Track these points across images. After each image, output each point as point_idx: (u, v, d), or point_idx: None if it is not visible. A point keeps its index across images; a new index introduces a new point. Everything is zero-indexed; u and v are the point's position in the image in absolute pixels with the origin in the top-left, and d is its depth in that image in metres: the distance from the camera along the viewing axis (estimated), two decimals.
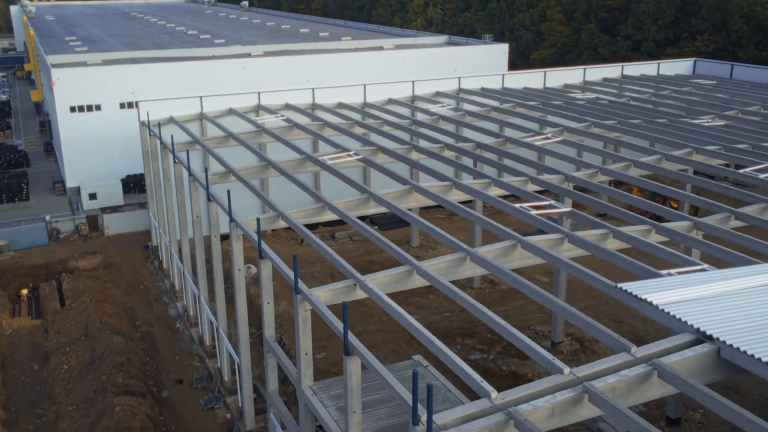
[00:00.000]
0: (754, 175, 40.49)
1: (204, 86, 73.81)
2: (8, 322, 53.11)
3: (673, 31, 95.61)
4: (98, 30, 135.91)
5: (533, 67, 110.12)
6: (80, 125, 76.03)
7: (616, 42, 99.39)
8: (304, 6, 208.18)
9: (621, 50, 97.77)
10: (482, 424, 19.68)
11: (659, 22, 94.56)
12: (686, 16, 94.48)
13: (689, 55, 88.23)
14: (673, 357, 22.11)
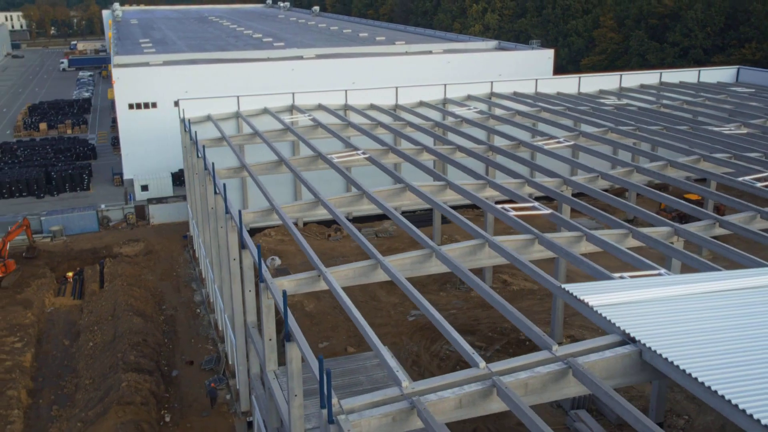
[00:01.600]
0: (751, 183, 39.17)
1: (252, 86, 75.54)
2: (51, 300, 55.95)
3: (721, 38, 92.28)
4: (172, 33, 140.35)
5: (583, 72, 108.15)
6: (138, 121, 79.06)
7: (663, 49, 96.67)
8: (373, 11, 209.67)
9: (668, 57, 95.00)
10: (386, 410, 20.00)
11: (707, 30, 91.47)
12: (735, 23, 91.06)
13: (735, 63, 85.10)
14: (592, 357, 21.91)
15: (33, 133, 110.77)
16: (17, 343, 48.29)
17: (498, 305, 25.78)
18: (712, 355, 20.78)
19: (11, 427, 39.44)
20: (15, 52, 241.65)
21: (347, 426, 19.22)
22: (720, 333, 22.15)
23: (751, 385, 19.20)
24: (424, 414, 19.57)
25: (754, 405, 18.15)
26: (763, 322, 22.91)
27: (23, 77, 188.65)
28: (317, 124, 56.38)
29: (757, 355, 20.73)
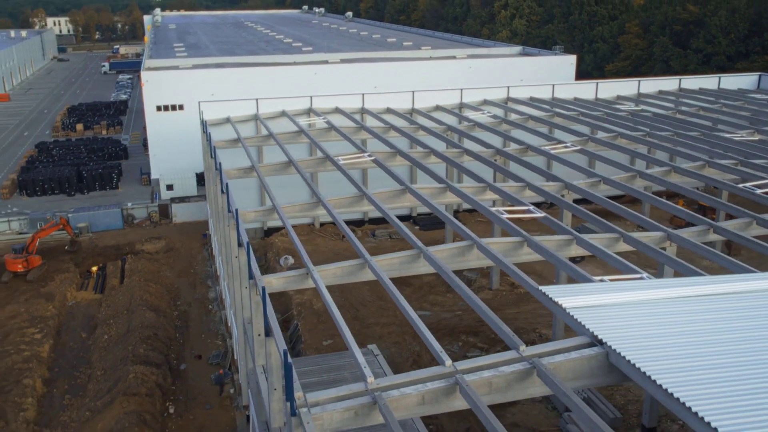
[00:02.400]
0: (751, 190, 38.51)
1: (277, 89, 76.16)
2: (73, 294, 57.31)
3: (744, 45, 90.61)
4: (206, 38, 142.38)
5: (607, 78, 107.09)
6: (165, 122, 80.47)
7: (687, 55, 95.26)
8: (405, 17, 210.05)
9: (691, 64, 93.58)
10: (349, 404, 20.26)
11: (731, 36, 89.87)
12: (760, 30, 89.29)
13: (759, 69, 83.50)
14: (558, 358, 21.90)
15: (70, 134, 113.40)
16: (37, 334, 49.59)
17: (474, 305, 25.91)
18: (677, 359, 20.62)
19: (24, 414, 40.56)
20: (61, 56, 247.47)
21: (307, 418, 19.54)
22: (688, 337, 21.93)
23: (709, 389, 19.03)
24: (383, 409, 19.80)
25: (709, 409, 18.00)
26: (733, 327, 22.64)
27: (66, 80, 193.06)
28: (331, 126, 56.85)
29: (721, 360, 20.50)
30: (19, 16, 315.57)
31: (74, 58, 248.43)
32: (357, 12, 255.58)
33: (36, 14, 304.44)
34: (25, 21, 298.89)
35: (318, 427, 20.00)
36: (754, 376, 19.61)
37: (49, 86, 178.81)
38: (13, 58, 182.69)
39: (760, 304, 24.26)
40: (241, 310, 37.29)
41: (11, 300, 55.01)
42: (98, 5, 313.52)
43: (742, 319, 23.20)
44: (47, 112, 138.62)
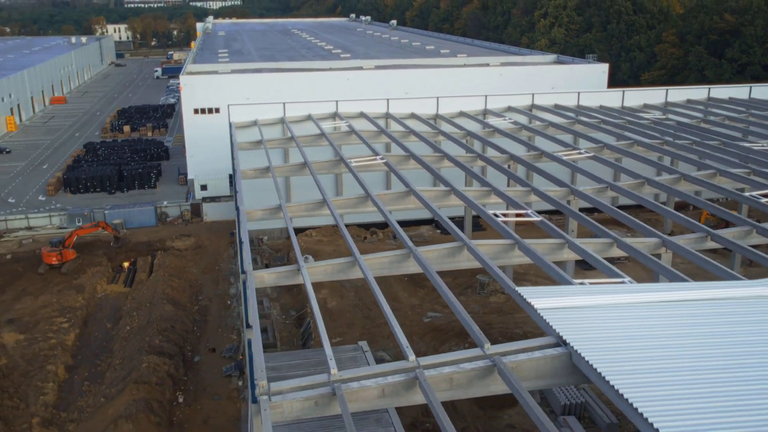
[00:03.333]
0: (756, 198, 37.66)
1: (309, 94, 76.82)
2: (103, 287, 59.00)
3: None
4: (251, 44, 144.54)
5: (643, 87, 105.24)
6: (201, 125, 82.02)
7: (722, 65, 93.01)
8: (448, 25, 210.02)
9: (726, 73, 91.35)
10: (309, 394, 20.69)
11: (766, 46, 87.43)
12: None
13: None
14: (520, 357, 21.93)
15: (117, 135, 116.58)
16: (65, 323, 51.24)
17: (449, 302, 26.04)
18: (634, 361, 20.50)
19: (44, 398, 41.99)
20: (118, 61, 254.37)
21: (265, 406, 19.99)
22: (651, 341, 21.76)
23: (659, 391, 18.88)
24: (340, 400, 20.13)
25: (655, 411, 17.88)
26: (696, 333, 22.36)
27: (121, 84, 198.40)
28: (352, 130, 57.41)
29: (677, 364, 20.28)
30: (82, 23, 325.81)
31: (131, 64, 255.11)
32: (402, 20, 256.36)
33: (97, 21, 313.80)
34: (87, 28, 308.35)
35: (278, 414, 20.45)
36: (705, 381, 19.40)
37: (104, 90, 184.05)
38: (72, 63, 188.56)
39: (726, 311, 23.92)
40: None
41: (45, 290, 56.95)
42: (156, 13, 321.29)
43: (706, 325, 22.93)
44: (99, 114, 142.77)
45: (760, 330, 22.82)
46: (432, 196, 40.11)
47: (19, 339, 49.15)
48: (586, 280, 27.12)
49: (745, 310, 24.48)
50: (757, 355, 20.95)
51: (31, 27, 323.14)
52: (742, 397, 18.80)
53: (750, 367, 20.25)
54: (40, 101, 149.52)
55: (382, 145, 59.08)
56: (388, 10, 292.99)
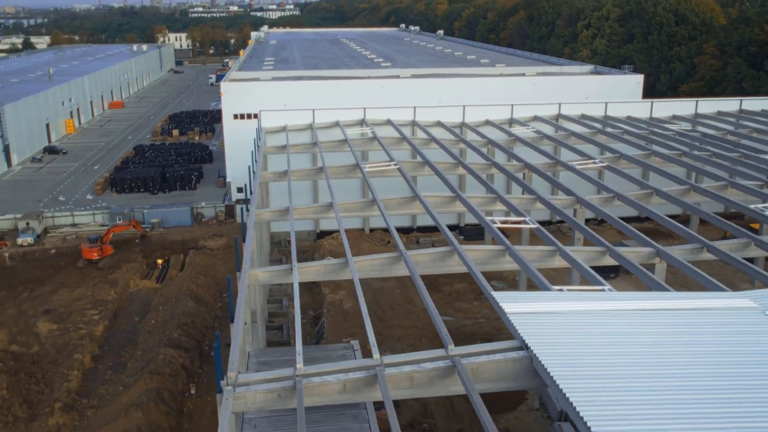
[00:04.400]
0: (760, 211, 36.75)
1: (343, 101, 77.31)
2: (136, 282, 60.89)
3: None
4: (298, 53, 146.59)
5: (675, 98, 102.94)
6: (240, 130, 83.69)
7: (760, 77, 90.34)
8: (494, 36, 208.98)
9: (765, 85, 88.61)
10: (272, 387, 21.26)
11: None
12: None
13: None
14: (481, 359, 22.10)
15: (166, 138, 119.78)
16: (96, 315, 53.12)
17: (426, 304, 26.31)
18: (590, 366, 20.42)
19: (68, 385, 43.68)
20: (177, 68, 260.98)
21: (227, 396, 20.64)
22: (612, 347, 21.60)
23: (606, 397, 18.81)
24: (298, 394, 20.64)
25: (596, 415, 17.83)
26: (665, 341, 22.10)
27: (177, 90, 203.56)
28: (374, 137, 57.98)
29: (631, 371, 20.11)
30: (146, 32, 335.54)
31: (188, 71, 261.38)
32: (451, 31, 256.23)
33: (160, 30, 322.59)
34: (150, 36, 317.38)
35: (241, 405, 21.08)
36: (655, 388, 19.23)
37: (160, 95, 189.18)
38: (132, 69, 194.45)
39: (697, 321, 23.60)
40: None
41: (81, 284, 59.07)
42: (215, 22, 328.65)
43: (673, 334, 22.65)
44: (153, 118, 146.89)
45: (724, 341, 22.46)
46: (437, 202, 40.37)
47: (52, 328, 51.15)
48: (565, 287, 27.02)
49: (717, 321, 24.09)
50: (714, 365, 20.65)
51: (99, 35, 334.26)
52: (689, 406, 18.60)
53: (704, 377, 20.01)
54: (99, 105, 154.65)
55: (406, 152, 59.42)
56: (438, 20, 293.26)
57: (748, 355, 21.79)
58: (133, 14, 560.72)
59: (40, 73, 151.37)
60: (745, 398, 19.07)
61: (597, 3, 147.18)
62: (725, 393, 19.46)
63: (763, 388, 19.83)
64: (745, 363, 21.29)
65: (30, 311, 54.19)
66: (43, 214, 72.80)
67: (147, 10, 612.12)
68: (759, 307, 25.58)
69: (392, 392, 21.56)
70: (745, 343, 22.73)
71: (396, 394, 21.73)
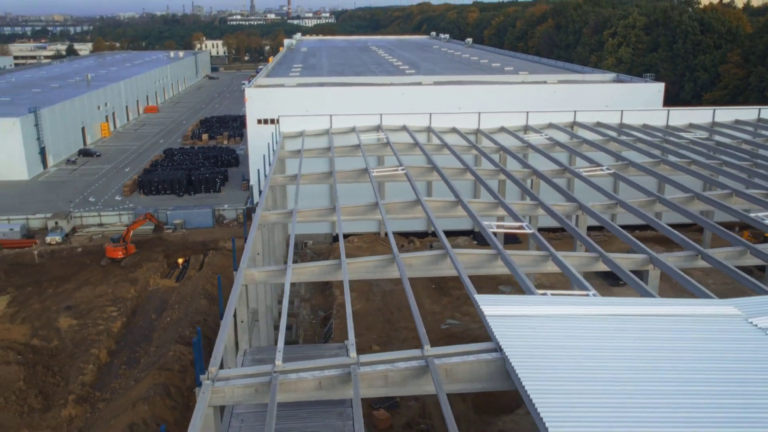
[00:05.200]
0: (760, 220, 36.20)
1: (362, 107, 77.48)
2: (155, 281, 62.05)
3: None
4: (327, 60, 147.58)
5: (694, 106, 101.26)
6: (263, 135, 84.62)
7: None
8: (522, 44, 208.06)
9: None
10: (250, 382, 21.65)
11: None
12: None
13: None
14: (454, 359, 22.23)
15: (196, 142, 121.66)
16: (114, 312, 54.30)
17: (411, 306, 26.50)
18: (559, 370, 20.45)
19: (83, 378, 44.76)
20: (212, 75, 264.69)
21: (205, 390, 21.11)
22: (583, 351, 21.60)
23: (569, 400, 18.84)
24: (272, 390, 20.99)
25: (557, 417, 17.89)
26: (638, 346, 22.01)
27: (210, 95, 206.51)
28: (387, 142, 58.31)
29: (598, 375, 20.09)
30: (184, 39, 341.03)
31: (223, 77, 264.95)
32: (480, 39, 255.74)
33: (197, 37, 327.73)
34: (188, 43, 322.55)
35: (219, 398, 21.53)
36: (618, 392, 19.22)
37: (194, 100, 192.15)
38: (167, 75, 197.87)
39: (675, 327, 23.52)
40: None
41: (103, 282, 60.41)
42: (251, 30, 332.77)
43: (648, 339, 22.56)
44: (185, 122, 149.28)
45: (702, 347, 22.29)
46: (440, 206, 40.52)
47: (72, 324, 52.42)
48: (549, 291, 27.01)
49: (697, 328, 23.92)
50: (682, 370, 20.52)
51: (139, 42, 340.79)
52: (656, 410, 18.53)
53: (670, 382, 19.91)
54: (135, 110, 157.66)
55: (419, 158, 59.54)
56: (469, 28, 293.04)
57: (724, 362, 21.61)
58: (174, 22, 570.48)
59: (79, 78, 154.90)
60: (718, 404, 18.89)
61: (623, 11, 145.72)
62: (696, 398, 19.35)
63: (739, 395, 19.66)
64: (720, 369, 21.13)
65: (53, 307, 55.60)
66: (72, 214, 74.60)
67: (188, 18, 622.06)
68: (743, 314, 25.31)
69: (367, 390, 21.81)
70: (723, 350, 22.53)
71: (370, 392, 21.96)
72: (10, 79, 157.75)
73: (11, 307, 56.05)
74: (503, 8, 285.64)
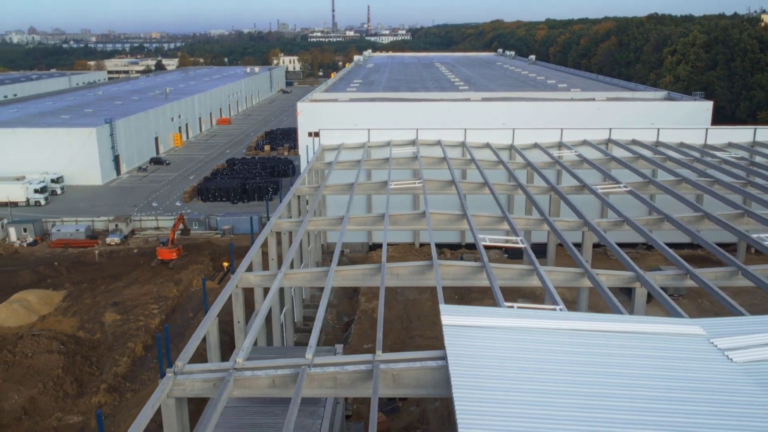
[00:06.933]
0: (760, 240, 34.87)
1: (408, 122, 78.02)
2: (199, 282, 64.35)
3: None
4: (387, 75, 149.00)
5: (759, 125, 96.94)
6: (312, 147, 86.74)
7: None
8: (586, 61, 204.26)
9: None
10: (208, 377, 22.71)
11: None
12: None
13: None
14: (400, 365, 22.67)
15: (259, 153, 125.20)
16: (155, 309, 56.74)
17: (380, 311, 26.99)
18: (494, 379, 20.62)
19: (116, 369, 47.06)
20: (286, 89, 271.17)
21: (166, 382, 22.25)
22: (528, 363, 21.62)
23: (491, 408, 18.98)
24: (223, 385, 21.94)
25: (471, 424, 18.08)
26: (583, 361, 21.83)
27: (281, 108, 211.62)
28: (415, 157, 58.87)
29: (532, 386, 20.09)
30: (263, 54, 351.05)
31: (296, 91, 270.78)
32: (546, 56, 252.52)
33: (274, 53, 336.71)
34: (267, 59, 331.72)
35: (180, 390, 22.65)
36: (544, 404, 19.16)
37: (265, 113, 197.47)
38: (241, 89, 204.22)
39: (627, 344, 23.23)
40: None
41: (150, 281, 63.17)
42: (325, 47, 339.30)
43: (595, 355, 22.38)
44: (252, 134, 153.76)
45: (647, 365, 21.93)
46: (445, 219, 40.79)
47: (116, 319, 55.10)
48: (516, 304, 27.00)
49: (655, 346, 23.52)
50: (625, 387, 20.20)
51: (221, 58, 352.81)
52: (569, 423, 18.46)
53: (608, 398, 19.67)
54: (208, 122, 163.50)
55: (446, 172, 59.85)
56: (536, 45, 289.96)
57: (671, 380, 21.22)
58: (260, 39, 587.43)
59: (158, 92, 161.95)
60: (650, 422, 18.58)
61: (685, 29, 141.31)
62: (629, 415, 19.12)
63: (671, 413, 19.33)
64: (664, 388, 20.78)
65: (102, 302, 58.56)
66: (131, 218, 78.27)
67: (272, 35, 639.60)
68: (706, 334, 24.67)
69: (317, 390, 22.53)
70: (674, 368, 22.11)
71: (320, 392, 22.64)
72: (97, 92, 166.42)
73: (66, 301, 59.38)
74: (571, 25, 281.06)
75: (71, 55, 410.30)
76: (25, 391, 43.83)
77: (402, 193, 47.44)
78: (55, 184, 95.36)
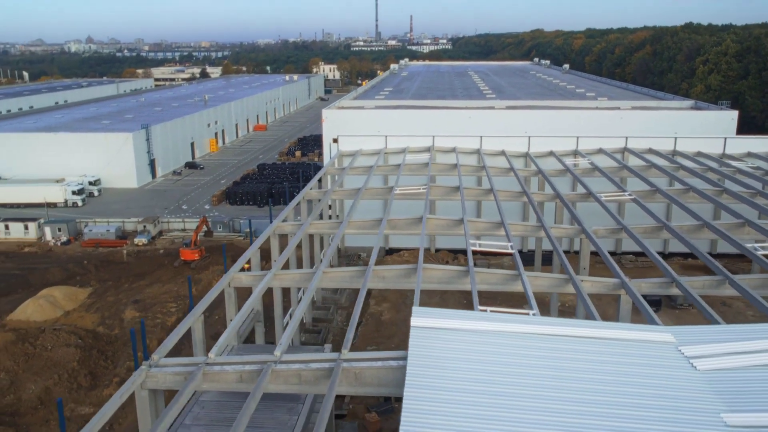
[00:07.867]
0: (754, 249, 34.06)
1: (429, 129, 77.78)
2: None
3: None
4: (419, 84, 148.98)
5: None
6: None
7: None
8: (620, 70, 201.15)
9: None
10: (180, 370, 23.31)
11: None
12: None
13: None
14: (362, 364, 22.91)
15: (289, 158, 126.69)
16: (173, 308, 57.97)
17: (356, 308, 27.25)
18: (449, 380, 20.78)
19: (129, 363, 48.24)
20: (323, 96, 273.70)
21: (139, 373, 22.92)
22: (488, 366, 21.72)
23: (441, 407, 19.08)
24: (191, 378, 22.48)
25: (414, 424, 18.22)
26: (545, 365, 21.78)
27: (317, 115, 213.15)
28: (427, 163, 58.98)
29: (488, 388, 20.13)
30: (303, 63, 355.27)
31: (333, 99, 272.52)
32: (582, 65, 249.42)
33: (314, 62, 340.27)
34: (307, 68, 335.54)
35: (153, 382, 23.29)
36: (495, 406, 19.17)
37: (301, 120, 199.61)
38: (279, 97, 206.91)
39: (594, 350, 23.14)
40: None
41: (171, 280, 64.59)
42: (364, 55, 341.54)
43: (560, 359, 22.32)
44: (286, 140, 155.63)
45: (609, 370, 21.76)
46: (443, 224, 40.86)
47: (135, 316, 56.46)
48: (490, 308, 26.99)
49: (620, 352, 23.33)
50: (583, 391, 20.09)
51: (263, 66, 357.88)
52: (517, 426, 18.44)
53: (562, 401, 19.60)
54: (244, 128, 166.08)
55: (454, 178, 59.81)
56: (573, 54, 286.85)
57: (635, 387, 21.03)
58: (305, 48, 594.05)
59: (198, 98, 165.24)
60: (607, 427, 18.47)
61: (718, 38, 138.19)
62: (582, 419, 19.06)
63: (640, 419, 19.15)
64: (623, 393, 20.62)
65: (124, 300, 60.11)
66: (159, 219, 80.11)
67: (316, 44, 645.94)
68: (675, 342, 24.32)
69: (282, 386, 22.92)
70: (635, 374, 21.89)
71: (285, 388, 23.01)
72: (140, 99, 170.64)
73: (90, 298, 61.13)
74: (608, 35, 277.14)
75: (123, 64, 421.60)
76: (42, 382, 45.33)
77: (407, 198, 47.61)
78: (93, 186, 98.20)
